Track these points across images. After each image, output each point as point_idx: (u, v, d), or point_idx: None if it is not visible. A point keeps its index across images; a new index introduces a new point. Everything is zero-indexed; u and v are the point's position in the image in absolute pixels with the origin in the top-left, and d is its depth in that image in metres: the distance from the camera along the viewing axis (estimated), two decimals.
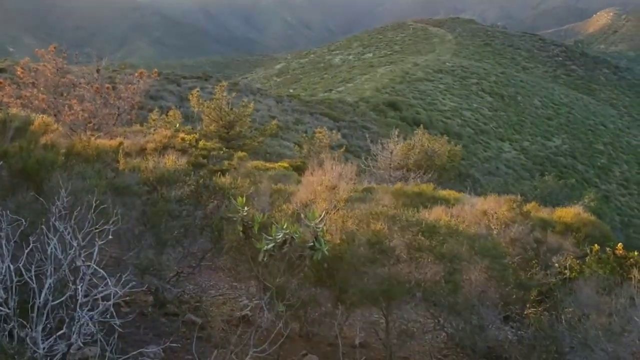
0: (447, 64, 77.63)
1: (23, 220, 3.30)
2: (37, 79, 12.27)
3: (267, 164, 17.80)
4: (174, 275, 5.58)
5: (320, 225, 3.84)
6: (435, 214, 6.17)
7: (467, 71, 74.87)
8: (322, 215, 4.04)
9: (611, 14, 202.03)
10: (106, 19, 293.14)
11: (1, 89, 11.68)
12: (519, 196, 8.69)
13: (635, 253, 6.33)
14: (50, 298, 3.26)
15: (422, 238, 5.04)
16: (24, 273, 3.25)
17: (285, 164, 19.44)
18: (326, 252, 3.84)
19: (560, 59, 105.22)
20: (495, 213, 6.70)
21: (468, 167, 41.89)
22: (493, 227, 6.48)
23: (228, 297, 6.44)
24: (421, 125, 31.82)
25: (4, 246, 3.13)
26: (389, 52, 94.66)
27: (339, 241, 5.08)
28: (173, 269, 5.53)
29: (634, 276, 4.88)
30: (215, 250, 5.57)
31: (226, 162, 13.15)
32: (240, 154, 17.59)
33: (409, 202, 10.30)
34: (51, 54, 12.43)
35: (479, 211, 6.86)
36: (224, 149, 15.86)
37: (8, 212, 3.26)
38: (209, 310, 5.79)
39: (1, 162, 4.22)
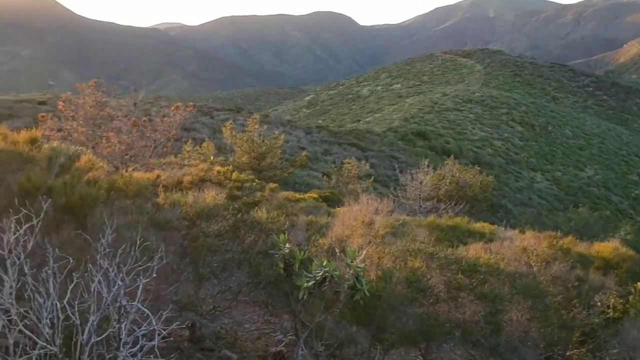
0: (477, 94, 77.40)
1: (70, 259, 3.34)
2: (77, 112, 12.62)
3: (297, 195, 17.85)
4: (211, 310, 5.57)
5: (362, 265, 3.80)
6: (474, 251, 6.06)
7: (497, 101, 74.48)
8: (362, 255, 4.01)
9: None
10: (141, 53, 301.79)
11: (44, 122, 12.03)
12: (556, 231, 8.52)
13: None
14: (94, 335, 3.28)
15: (462, 277, 4.94)
16: (68, 310, 3.29)
17: (315, 195, 19.45)
18: (367, 293, 3.80)
19: (591, 89, 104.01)
20: (535, 250, 6.56)
21: (500, 198, 41.27)
22: (533, 264, 6.34)
23: (263, 331, 6.40)
24: (451, 155, 31.59)
25: (51, 283, 3.17)
26: (417, 83, 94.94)
27: (374, 278, 5.02)
28: (210, 304, 5.53)
29: None
30: (252, 285, 5.55)
31: (259, 194, 13.21)
32: (271, 185, 17.69)
33: (443, 236, 10.18)
34: (91, 88, 12.79)
35: (519, 247, 6.72)
36: (256, 180, 15.96)
37: (55, 249, 3.31)
38: (244, 345, 5.75)
39: (45, 198, 4.31)
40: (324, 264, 3.93)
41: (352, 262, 3.80)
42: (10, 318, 3.02)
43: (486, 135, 60.20)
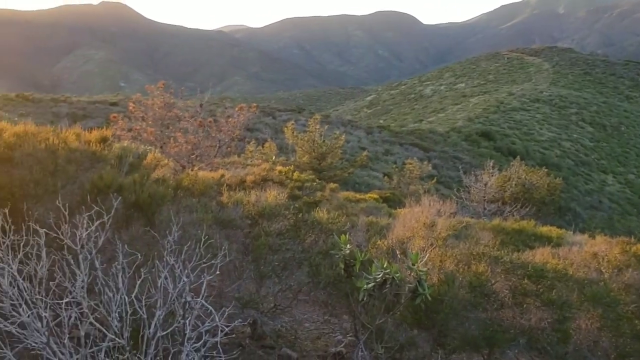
0: (544, 93, 74.89)
1: (139, 255, 3.46)
2: (146, 113, 13.09)
3: (358, 195, 17.81)
4: (272, 308, 5.64)
5: (424, 269, 3.74)
6: (541, 255, 5.85)
7: (566, 100, 71.80)
8: (425, 258, 3.94)
9: None
10: (207, 55, 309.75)
11: (115, 122, 12.55)
12: (629, 236, 8.10)
13: None
14: (160, 330, 3.38)
15: (528, 282, 4.78)
16: (135, 304, 3.40)
17: (375, 195, 19.36)
18: (429, 298, 3.73)
19: None
20: (607, 256, 6.26)
21: (568, 201, 39.76)
22: (604, 271, 6.05)
23: (322, 331, 6.42)
24: (517, 156, 30.68)
25: (120, 278, 3.29)
26: (482, 82, 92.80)
27: (436, 281, 4.94)
28: (271, 302, 5.59)
29: None
30: (312, 284, 5.58)
31: (319, 194, 13.27)
32: (332, 185, 17.74)
33: (508, 240, 9.89)
34: (160, 89, 13.25)
35: (589, 253, 6.44)
36: (316, 180, 16.05)
37: (125, 245, 3.44)
38: (304, 344, 5.79)
39: (116, 195, 4.49)
40: (385, 266, 3.90)
41: (414, 265, 3.75)
42: (82, 310, 3.15)
43: (554, 135, 58.18)
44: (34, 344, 3.11)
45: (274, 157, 20.49)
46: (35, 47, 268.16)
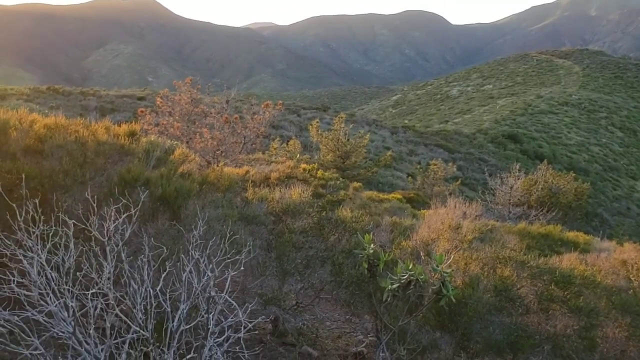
0: (574, 96, 73.70)
1: (164, 248, 3.48)
2: (173, 108, 13.22)
3: (381, 195, 17.75)
4: (294, 305, 5.64)
5: (448, 271, 3.70)
6: (568, 261, 5.75)
7: (596, 104, 70.56)
8: (450, 260, 3.90)
9: None
10: (234, 51, 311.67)
11: (142, 117, 12.69)
12: None
13: None
14: (183, 323, 3.40)
15: (555, 288, 4.70)
16: (159, 297, 3.43)
17: (399, 196, 19.26)
18: (453, 300, 3.69)
19: None
20: (636, 263, 6.12)
21: (596, 206, 39.10)
22: (633, 278, 5.92)
23: (343, 330, 6.40)
24: (544, 160, 30.26)
25: (145, 271, 3.32)
26: (510, 84, 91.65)
27: (460, 284, 4.88)
28: (293, 299, 5.60)
29: None
30: (335, 283, 5.56)
31: (342, 192, 13.26)
32: (355, 184, 17.72)
33: (534, 244, 9.75)
34: (187, 85, 13.36)
35: (617, 260, 6.30)
36: (340, 178, 16.04)
37: (151, 238, 3.46)
38: (325, 343, 5.78)
39: (143, 189, 4.52)
40: (410, 267, 3.86)
41: (438, 267, 3.71)
42: (107, 302, 3.18)
43: (583, 140, 57.24)
44: (60, 333, 3.15)
45: (297, 155, 20.53)
46: (66, 41, 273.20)
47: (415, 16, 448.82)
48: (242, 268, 3.70)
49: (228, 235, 3.66)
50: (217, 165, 10.24)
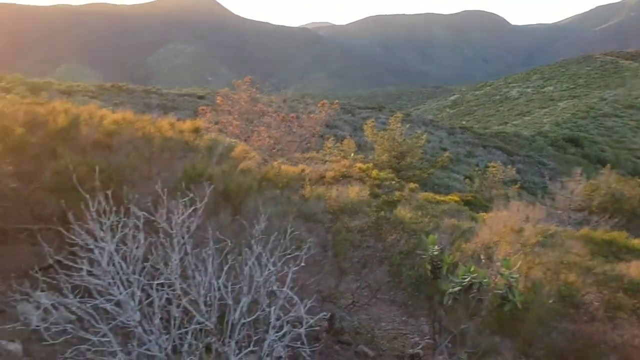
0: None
1: (228, 242, 3.54)
2: (232, 106, 13.46)
3: (438, 197, 17.46)
4: (350, 304, 5.64)
5: (516, 276, 3.60)
6: (637, 269, 5.50)
7: None
8: (518, 265, 3.79)
9: None
10: (291, 51, 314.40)
11: (203, 115, 12.98)
12: None
13: None
14: (244, 316, 3.45)
15: (623, 296, 4.50)
16: (222, 289, 3.49)
17: (456, 198, 18.90)
18: (519, 305, 3.59)
19: None
20: None
21: None
22: None
23: (400, 331, 6.34)
24: (607, 164, 29.04)
25: (209, 263, 3.38)
26: (572, 86, 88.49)
27: (523, 288, 4.75)
28: (349, 298, 5.59)
29: None
30: (392, 284, 5.52)
31: (398, 193, 13.14)
32: (411, 185, 17.51)
33: (597, 251, 9.37)
34: (246, 84, 13.58)
35: None
36: (395, 179, 15.90)
37: (216, 232, 3.53)
38: (381, 343, 5.74)
39: (208, 184, 4.62)
40: (471, 270, 3.79)
41: (505, 271, 3.61)
42: (174, 292, 3.26)
43: None
44: (127, 322, 3.25)
45: (352, 154, 20.48)
46: (129, 40, 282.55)
47: (475, 16, 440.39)
48: (302, 264, 3.72)
49: (289, 231, 3.69)
50: (275, 163, 10.35)
